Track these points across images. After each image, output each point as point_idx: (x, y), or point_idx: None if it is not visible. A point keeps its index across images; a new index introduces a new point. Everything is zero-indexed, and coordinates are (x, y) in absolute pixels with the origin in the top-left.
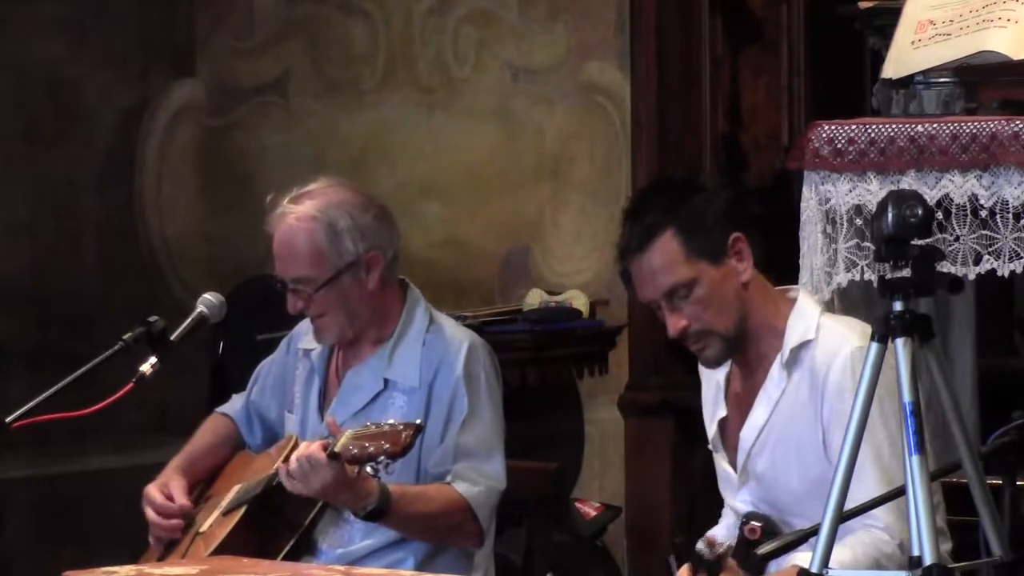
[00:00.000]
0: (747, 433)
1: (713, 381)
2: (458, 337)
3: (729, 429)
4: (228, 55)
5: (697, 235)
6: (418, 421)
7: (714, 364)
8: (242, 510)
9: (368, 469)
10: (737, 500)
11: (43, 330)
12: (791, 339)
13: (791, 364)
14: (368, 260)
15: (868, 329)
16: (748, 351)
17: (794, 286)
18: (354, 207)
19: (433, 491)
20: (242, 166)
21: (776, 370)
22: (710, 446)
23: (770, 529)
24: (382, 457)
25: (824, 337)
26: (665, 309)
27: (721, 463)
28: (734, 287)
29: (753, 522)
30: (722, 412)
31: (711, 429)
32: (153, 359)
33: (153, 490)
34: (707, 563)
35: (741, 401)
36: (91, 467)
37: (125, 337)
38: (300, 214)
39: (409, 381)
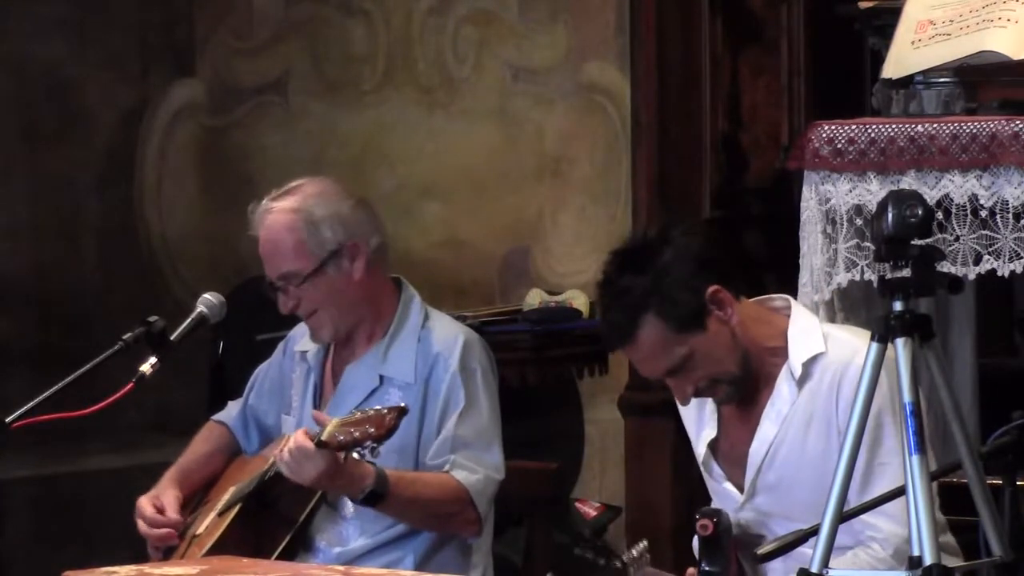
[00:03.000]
0: (757, 448)
1: (694, 402)
2: (453, 333)
3: (725, 447)
4: (228, 55)
5: (676, 311)
6: (402, 404)
7: (729, 403)
8: (237, 508)
9: (355, 455)
10: (740, 516)
11: (43, 330)
12: (799, 354)
13: (803, 378)
14: (350, 248)
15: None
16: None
17: (777, 295)
18: (331, 197)
19: (431, 477)
20: (242, 166)
21: (785, 385)
22: (700, 467)
23: (724, 523)
24: (368, 441)
25: (833, 348)
26: (669, 381)
27: (719, 483)
28: (726, 336)
29: (705, 518)
30: (711, 433)
31: (700, 450)
32: (153, 359)
33: (144, 502)
34: (601, 569)
35: (741, 418)
36: (91, 467)
37: (125, 337)
38: (279, 209)
39: (405, 377)
